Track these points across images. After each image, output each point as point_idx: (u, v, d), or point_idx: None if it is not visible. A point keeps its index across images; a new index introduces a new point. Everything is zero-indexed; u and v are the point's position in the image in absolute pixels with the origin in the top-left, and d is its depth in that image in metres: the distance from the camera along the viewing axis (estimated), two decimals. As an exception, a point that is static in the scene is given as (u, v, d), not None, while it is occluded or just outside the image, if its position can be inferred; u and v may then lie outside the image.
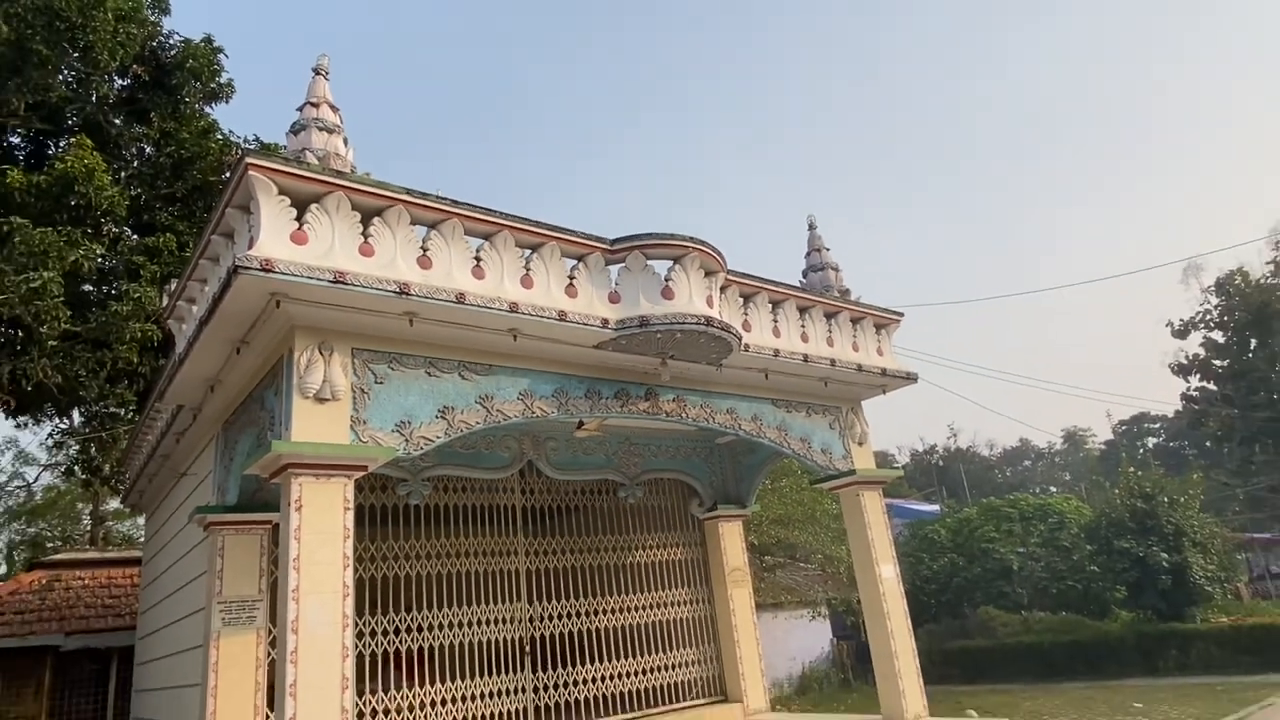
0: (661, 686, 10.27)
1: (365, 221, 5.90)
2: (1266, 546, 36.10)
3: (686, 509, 11.47)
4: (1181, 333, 38.49)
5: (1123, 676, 15.34)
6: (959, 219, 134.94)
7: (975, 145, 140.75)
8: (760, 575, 18.01)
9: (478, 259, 6.36)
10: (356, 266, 5.68)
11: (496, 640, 9.04)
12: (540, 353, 7.00)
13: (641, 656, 10.23)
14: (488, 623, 9.02)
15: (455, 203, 6.25)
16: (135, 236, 14.71)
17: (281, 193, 5.54)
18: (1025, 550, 20.98)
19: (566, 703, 9.34)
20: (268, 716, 6.87)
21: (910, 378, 9.87)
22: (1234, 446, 37.47)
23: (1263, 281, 36.54)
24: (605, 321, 6.89)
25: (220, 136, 15.53)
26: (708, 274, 7.44)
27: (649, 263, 7.20)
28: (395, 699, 8.18)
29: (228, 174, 7.76)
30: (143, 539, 16.73)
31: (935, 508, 32.36)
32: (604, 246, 7.08)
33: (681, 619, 10.87)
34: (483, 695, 8.69)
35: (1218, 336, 37.40)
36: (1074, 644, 16.50)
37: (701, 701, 10.55)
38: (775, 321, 8.61)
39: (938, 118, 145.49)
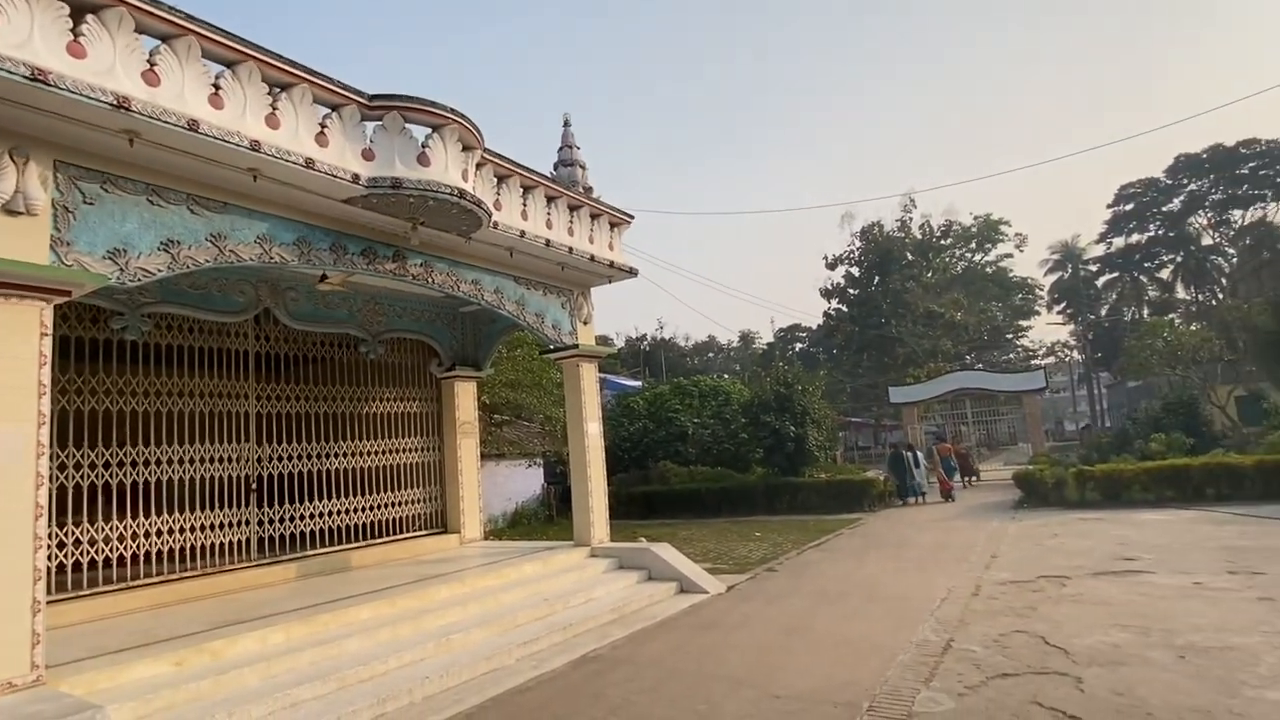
0: (387, 521, 10.14)
1: (76, 18, 4.60)
2: (857, 428, 44.24)
3: (426, 368, 11.11)
4: (832, 265, 44.34)
5: (752, 514, 18.10)
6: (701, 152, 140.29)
7: (709, 99, 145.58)
8: (488, 429, 18.22)
9: (216, 86, 5.30)
10: (62, 67, 4.45)
11: (221, 477, 8.22)
12: (283, 198, 6.14)
13: (370, 495, 9.96)
14: (212, 460, 8.14)
15: (191, 18, 5.08)
16: None
17: (-45, -44, 4.11)
18: (699, 420, 23.50)
19: (292, 535, 8.86)
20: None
21: (632, 272, 10.25)
22: (851, 354, 44.67)
23: (891, 233, 42.96)
24: (356, 177, 6.20)
25: None
26: (465, 148, 6.94)
27: (407, 126, 6.52)
28: (104, 530, 7.17)
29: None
30: None
31: (638, 383, 34.84)
32: (361, 100, 6.27)
33: (412, 464, 10.71)
34: (202, 528, 7.92)
35: (855, 271, 43.62)
36: (722, 490, 19.03)
37: (423, 533, 10.61)
38: (524, 205, 8.37)
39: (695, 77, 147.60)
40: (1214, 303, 48.78)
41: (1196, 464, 14.80)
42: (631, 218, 10.26)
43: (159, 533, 7.57)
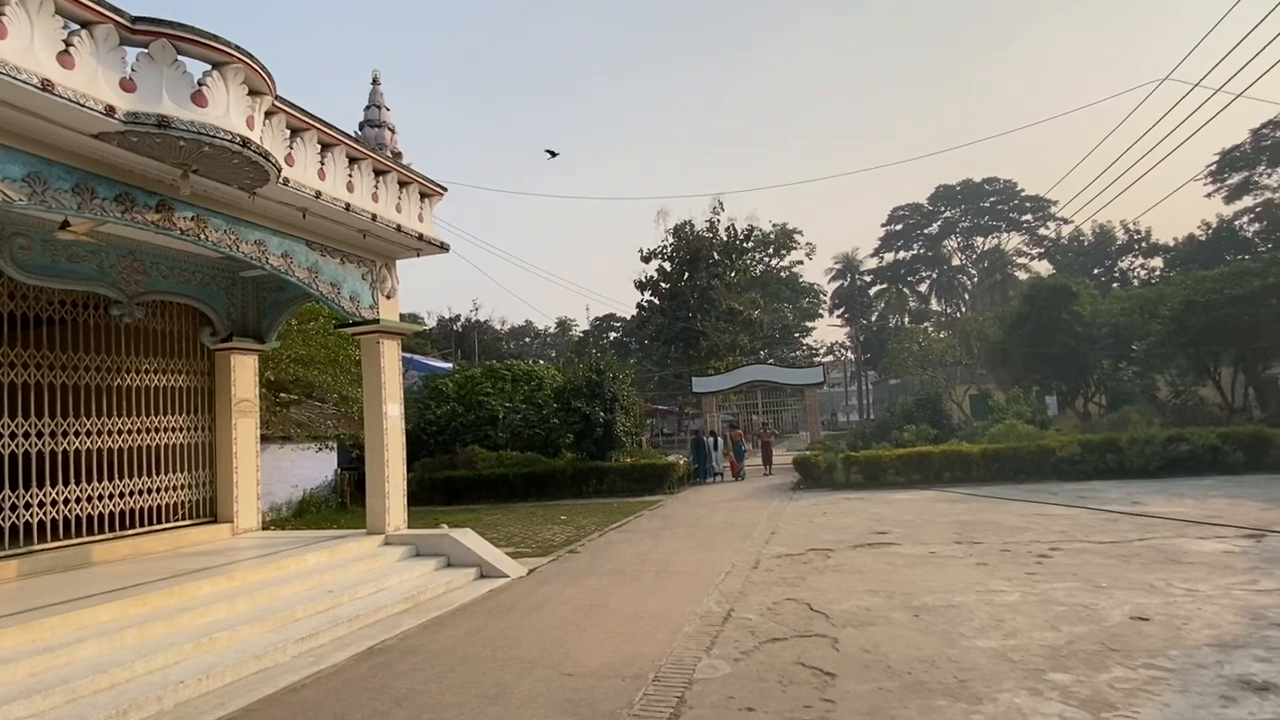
0: (142, 509, 8.88)
1: None
2: (663, 415, 46.25)
3: (197, 337, 9.84)
4: (646, 259, 45.73)
5: (560, 498, 18.26)
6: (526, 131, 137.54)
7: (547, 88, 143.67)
8: (273, 410, 16.62)
9: (-88, -27, 4.25)
10: None
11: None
12: (11, 124, 5.11)
13: (120, 480, 8.65)
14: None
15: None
16: None
17: None
18: (511, 404, 23.23)
19: (13, 526, 7.45)
20: None
21: (443, 247, 9.81)
22: (660, 345, 46.44)
23: (701, 233, 45.22)
24: (111, 110, 5.29)
25: None
26: (253, 92, 6.20)
27: (180, 58, 5.69)
28: None
29: None
30: None
31: (449, 365, 33.63)
32: (121, 21, 5.36)
33: (176, 444, 9.46)
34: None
35: (667, 266, 45.37)
36: (531, 475, 18.97)
37: (187, 522, 9.44)
38: (322, 164, 7.67)
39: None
40: (958, 315, 57.14)
41: (938, 451, 17.25)
42: (444, 189, 9.81)
43: None
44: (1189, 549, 8.01)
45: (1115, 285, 46.57)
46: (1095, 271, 50.70)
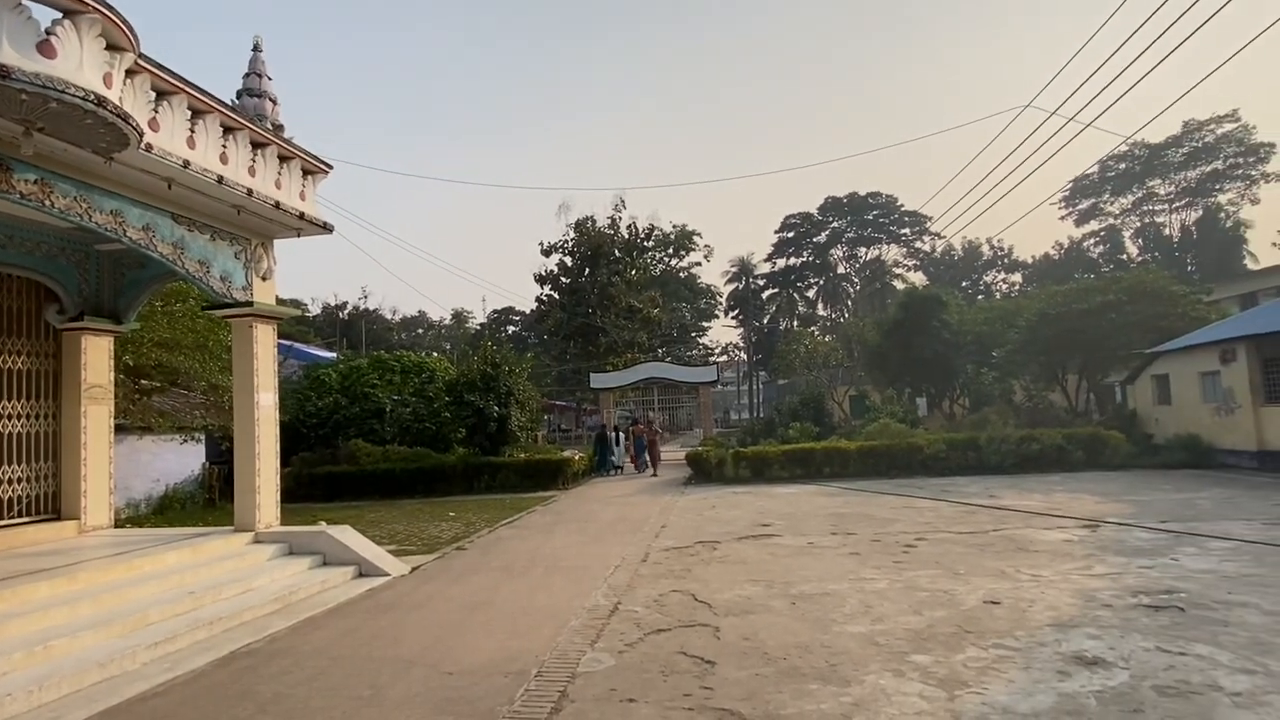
0: (-35, 505, 7.88)
1: None
2: (561, 410, 46.03)
3: (40, 314, 8.85)
4: (547, 252, 45.29)
5: (449, 494, 17.75)
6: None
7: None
8: (132, 398, 15.19)
9: None
10: None
11: None
12: None
13: (-61, 472, 7.65)
14: None
15: None
16: None
17: None
18: (399, 397, 22.34)
19: None
20: None
21: (326, 228, 9.29)
22: (559, 340, 46.20)
23: (603, 230, 45.27)
24: (-67, 51, 4.64)
25: None
26: (112, 47, 5.62)
27: (25, 3, 5.06)
28: None
29: None
30: None
31: (333, 355, 32.00)
32: (-54, -48, 4.71)
33: (12, 433, 8.48)
34: None
35: (568, 260, 45.12)
36: (419, 470, 18.31)
37: (24, 520, 8.47)
38: (192, 132, 7.06)
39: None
40: (841, 320, 60.17)
41: (819, 448, 18.09)
42: (329, 167, 9.28)
43: None
44: (1035, 538, 8.78)
45: (980, 297, 50.59)
46: (963, 284, 54.85)
